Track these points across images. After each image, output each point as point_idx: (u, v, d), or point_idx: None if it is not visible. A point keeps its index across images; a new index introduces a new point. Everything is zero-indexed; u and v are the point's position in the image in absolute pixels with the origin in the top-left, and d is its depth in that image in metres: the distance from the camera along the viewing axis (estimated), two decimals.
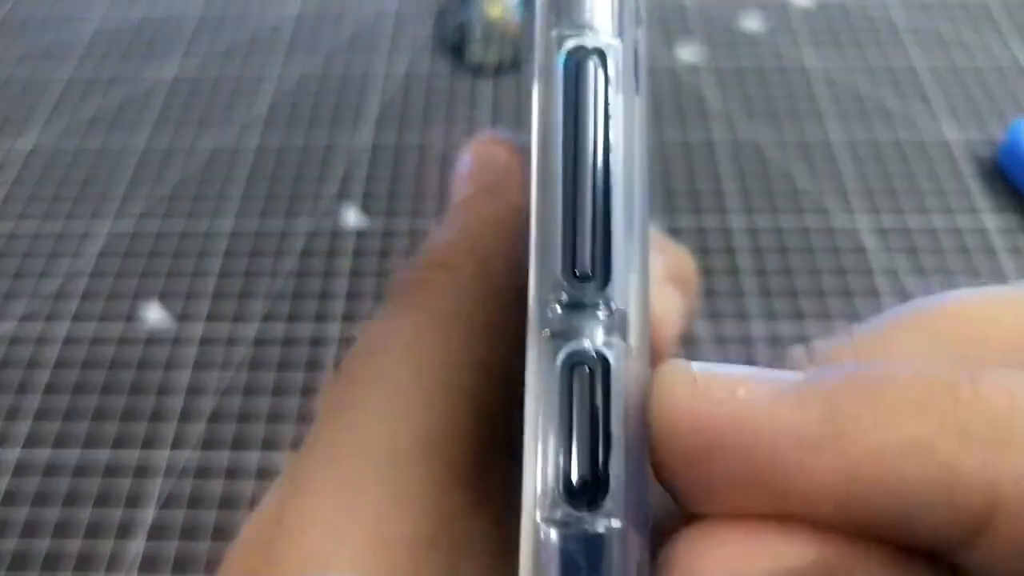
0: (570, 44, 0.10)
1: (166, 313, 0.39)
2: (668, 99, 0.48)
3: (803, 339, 0.38)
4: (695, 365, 0.10)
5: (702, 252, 0.41)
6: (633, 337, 0.09)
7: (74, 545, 0.32)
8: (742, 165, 0.45)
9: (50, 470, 0.34)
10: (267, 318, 0.39)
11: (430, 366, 0.12)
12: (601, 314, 0.09)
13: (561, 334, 0.09)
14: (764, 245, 0.41)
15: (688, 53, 0.51)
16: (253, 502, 0.33)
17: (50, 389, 0.37)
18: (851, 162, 0.45)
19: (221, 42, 0.53)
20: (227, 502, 0.33)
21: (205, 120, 0.48)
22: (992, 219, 0.42)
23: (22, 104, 0.50)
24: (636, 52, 0.10)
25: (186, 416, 0.36)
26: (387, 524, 0.11)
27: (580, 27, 0.10)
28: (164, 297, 0.40)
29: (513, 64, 0.50)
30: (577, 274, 0.09)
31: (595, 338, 0.09)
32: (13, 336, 0.39)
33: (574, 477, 0.08)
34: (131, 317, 0.39)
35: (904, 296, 0.39)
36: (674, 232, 0.42)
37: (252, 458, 0.35)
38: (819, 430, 0.08)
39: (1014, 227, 0.41)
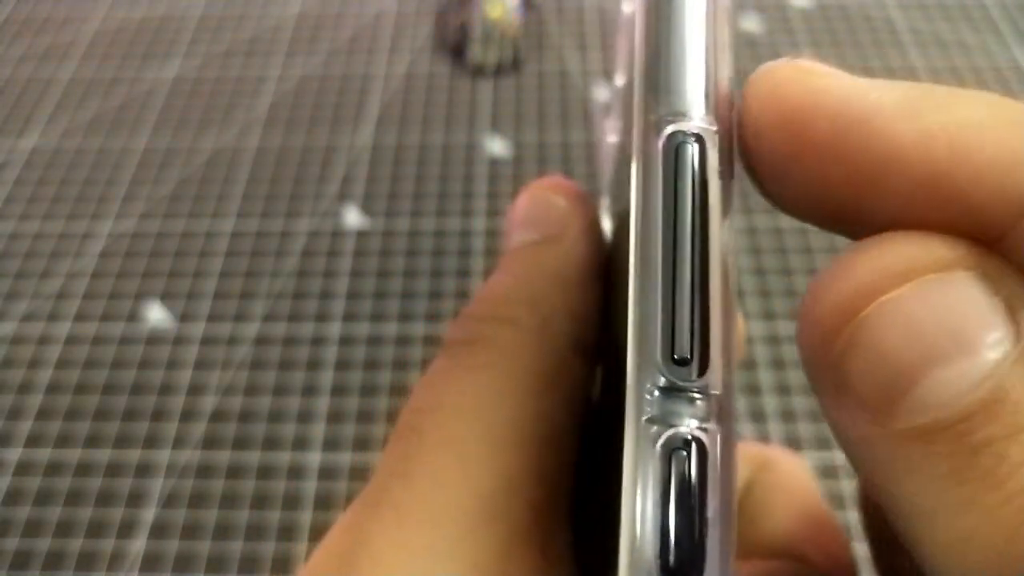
0: (669, 129, 0.10)
1: (167, 313, 0.40)
2: None
3: None
4: (782, 60, 0.10)
5: None
6: (730, 420, 0.09)
7: (76, 544, 0.33)
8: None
9: (52, 469, 0.35)
10: (268, 318, 0.39)
11: (499, 429, 0.12)
12: (698, 400, 0.09)
13: (659, 419, 0.09)
14: (763, 245, 0.41)
15: None
16: (254, 501, 0.33)
17: (52, 389, 0.37)
18: None
19: (221, 42, 0.54)
20: (228, 501, 0.34)
21: (206, 120, 0.49)
22: None
23: (23, 104, 0.50)
24: (731, 134, 0.10)
25: (187, 415, 0.36)
26: None
27: (678, 112, 0.10)
28: (165, 297, 0.40)
29: (513, 64, 0.50)
30: (676, 359, 0.09)
31: (692, 423, 0.09)
32: (15, 336, 0.39)
33: (671, 556, 0.09)
34: (132, 317, 0.39)
35: None
36: None
37: (253, 457, 0.35)
38: (904, 106, 0.09)
39: None
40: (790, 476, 0.16)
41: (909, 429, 0.09)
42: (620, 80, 0.12)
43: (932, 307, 0.08)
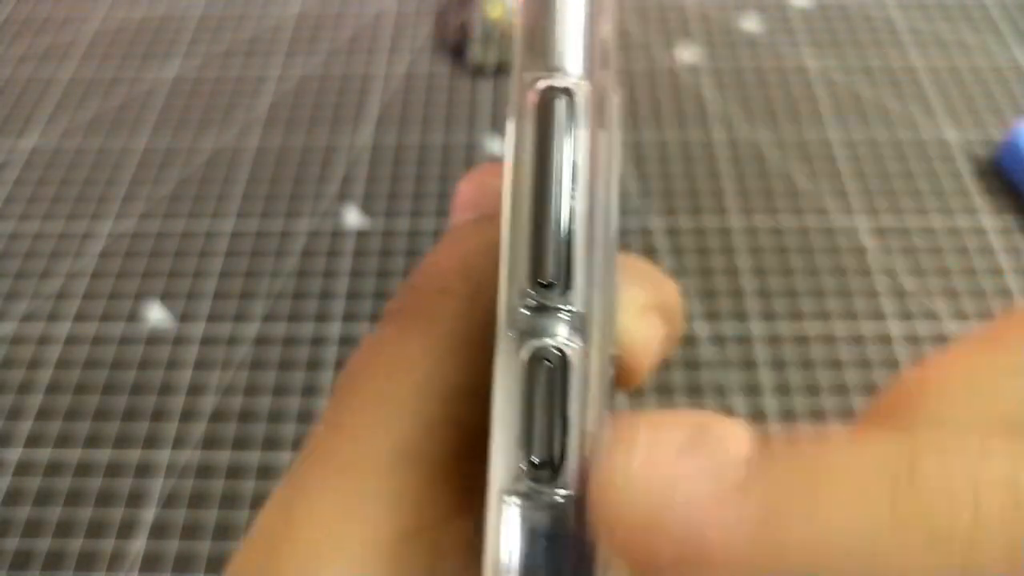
0: (542, 83, 0.11)
1: (167, 313, 0.40)
2: (667, 99, 0.48)
3: (801, 339, 0.38)
4: (642, 439, 0.09)
5: (701, 252, 0.41)
6: (594, 336, 0.10)
7: (76, 544, 0.33)
8: (741, 165, 0.45)
9: (52, 469, 0.35)
10: (268, 318, 0.39)
11: (426, 385, 0.13)
12: (563, 317, 0.10)
13: (526, 333, 0.10)
14: (763, 245, 0.41)
15: (687, 54, 0.51)
16: (254, 501, 0.33)
17: (52, 389, 0.37)
18: (850, 162, 0.45)
19: (221, 42, 0.54)
20: (228, 501, 0.34)
21: (206, 120, 0.49)
22: (990, 219, 0.42)
23: (23, 104, 0.50)
24: (604, 91, 0.11)
25: (187, 415, 0.36)
26: (377, 525, 0.12)
27: (552, 69, 0.11)
28: (165, 297, 0.40)
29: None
30: (542, 282, 0.10)
31: (556, 337, 0.10)
32: (15, 336, 0.39)
33: (535, 456, 0.10)
34: (132, 317, 0.39)
35: (902, 296, 0.39)
36: (674, 232, 0.42)
37: (253, 457, 0.35)
38: (758, 535, 0.09)
39: (1012, 227, 0.42)
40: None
41: None
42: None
43: None
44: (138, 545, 0.33)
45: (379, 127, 0.48)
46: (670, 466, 0.09)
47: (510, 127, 0.11)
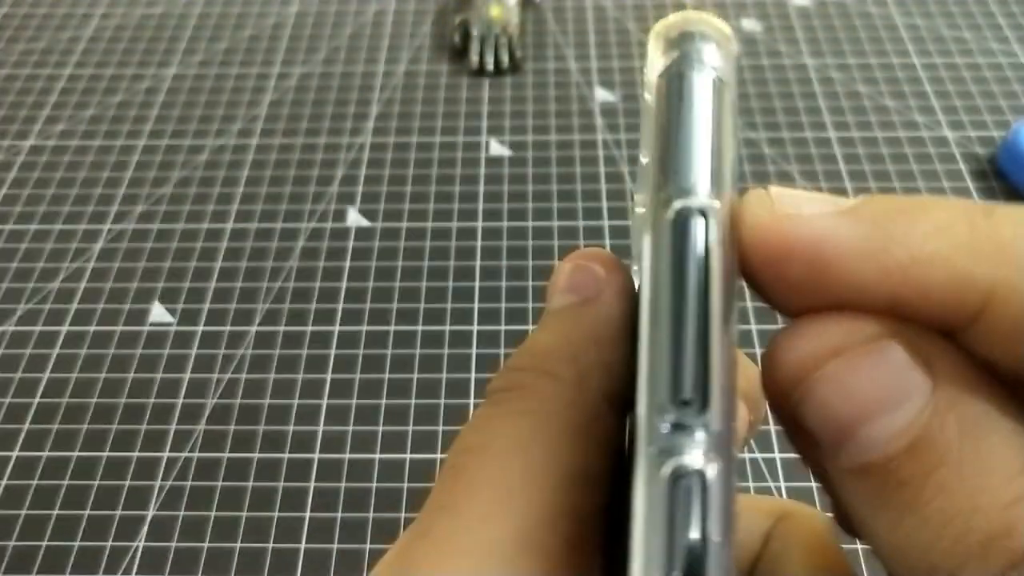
0: (679, 204, 0.11)
1: (167, 313, 0.40)
2: None
3: None
4: (773, 189, 0.12)
5: None
6: (728, 454, 0.11)
7: (75, 543, 0.33)
8: (741, 165, 0.45)
9: (52, 469, 0.35)
10: (268, 318, 0.39)
11: (537, 470, 0.13)
12: (700, 435, 0.11)
13: (666, 451, 0.11)
14: None
15: None
16: (254, 501, 0.33)
17: (52, 389, 0.37)
18: (849, 161, 0.45)
19: (221, 42, 0.54)
20: (228, 501, 0.34)
21: (206, 120, 0.49)
22: None
23: (23, 104, 0.50)
24: (733, 208, 0.12)
25: (187, 415, 0.36)
26: None
27: (686, 191, 0.12)
28: (165, 297, 0.40)
29: (513, 64, 0.50)
30: (681, 400, 0.11)
31: (695, 456, 0.11)
32: (15, 335, 0.39)
33: (675, 570, 0.10)
34: (133, 316, 0.39)
35: None
36: None
37: (253, 457, 0.35)
38: (866, 245, 0.11)
39: None
40: (809, 528, 0.17)
41: (851, 467, 0.11)
42: (644, 159, 0.14)
43: (860, 375, 0.11)
44: (138, 545, 0.33)
45: (379, 127, 0.48)
46: (796, 195, 0.12)
47: (646, 245, 0.12)
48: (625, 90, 0.49)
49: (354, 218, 0.43)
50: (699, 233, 0.11)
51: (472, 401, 0.36)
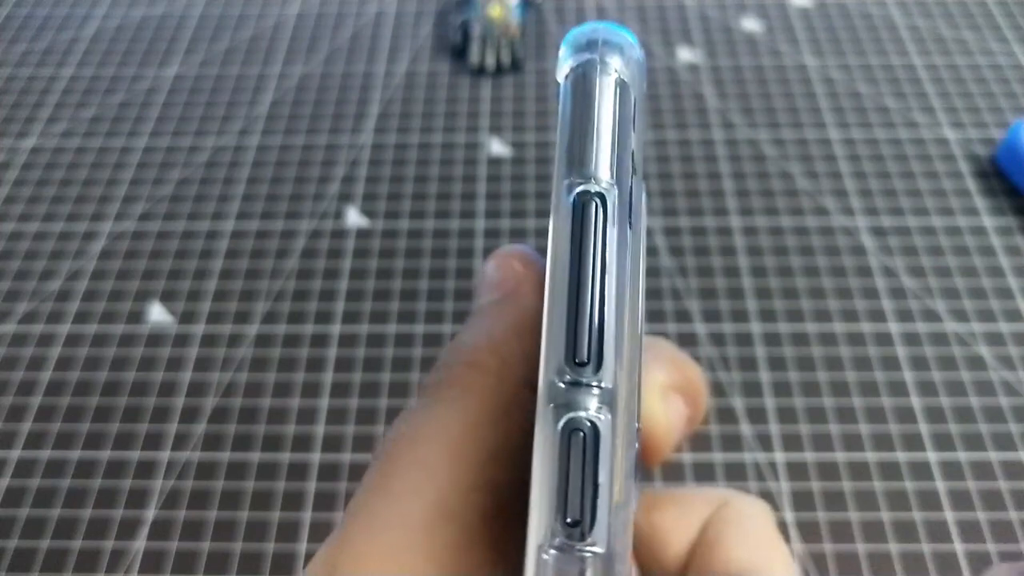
0: (578, 189, 0.13)
1: (168, 313, 0.40)
2: (667, 99, 0.49)
3: (801, 338, 0.38)
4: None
5: (701, 252, 0.41)
6: (620, 409, 0.12)
7: (76, 544, 0.33)
8: (741, 165, 0.45)
9: (52, 469, 0.35)
10: (268, 318, 0.39)
11: (460, 452, 0.14)
12: (594, 391, 0.12)
13: (563, 406, 0.12)
14: (763, 245, 0.41)
15: (687, 53, 0.51)
16: (254, 500, 0.33)
17: (52, 389, 0.37)
18: (849, 161, 0.45)
19: (221, 42, 0.54)
20: (228, 501, 0.34)
21: (206, 120, 0.49)
22: (990, 218, 0.42)
23: (24, 104, 0.50)
24: (631, 195, 0.13)
25: (187, 415, 0.36)
26: (419, 574, 0.14)
27: (586, 176, 0.13)
28: (166, 297, 0.40)
29: (513, 64, 0.50)
30: (576, 361, 0.12)
31: (588, 410, 0.12)
32: (15, 335, 0.39)
33: (570, 515, 0.11)
34: (133, 317, 0.39)
35: (902, 296, 0.39)
36: (674, 232, 0.42)
37: (254, 457, 0.35)
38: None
39: (1012, 226, 0.42)
40: (744, 513, 0.19)
41: None
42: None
43: None
44: (138, 545, 0.33)
45: (379, 127, 0.48)
46: None
47: (551, 225, 0.13)
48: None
49: (354, 218, 0.43)
50: (596, 212, 0.12)
51: None
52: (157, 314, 0.40)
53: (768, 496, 0.33)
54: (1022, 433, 0.35)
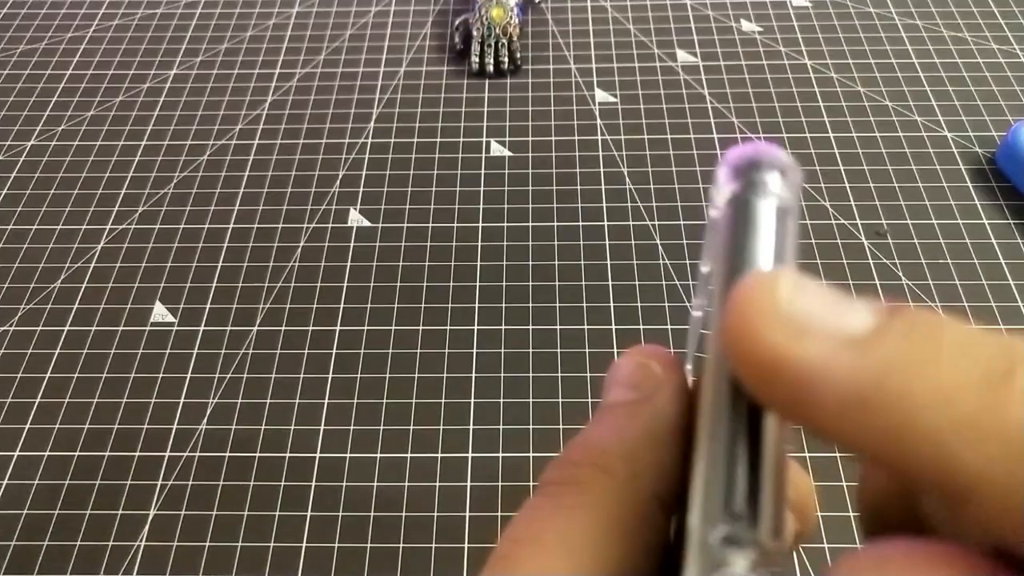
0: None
1: (168, 312, 0.40)
2: (668, 99, 0.49)
3: None
4: (784, 284, 0.12)
5: (701, 252, 0.41)
6: (772, 569, 0.11)
7: (76, 543, 0.33)
8: None
9: (52, 469, 0.35)
10: (269, 317, 0.39)
11: (583, 565, 0.13)
12: (748, 549, 0.11)
13: (716, 563, 0.11)
14: None
15: (688, 53, 0.51)
16: (254, 501, 0.33)
17: (52, 389, 0.37)
18: (848, 161, 0.45)
19: (222, 43, 0.54)
20: (229, 501, 0.34)
21: (207, 120, 0.49)
22: (990, 218, 0.42)
23: (25, 104, 0.50)
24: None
25: (188, 415, 0.36)
26: None
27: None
28: (166, 296, 0.40)
29: (513, 64, 0.50)
30: (732, 514, 0.11)
31: (742, 570, 0.11)
32: (15, 335, 0.39)
33: None
34: (134, 317, 0.39)
35: (902, 295, 0.39)
36: (673, 232, 0.42)
37: (254, 457, 0.35)
38: (857, 398, 0.10)
39: (1012, 227, 0.42)
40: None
41: None
42: (704, 268, 0.15)
43: None
44: (137, 545, 0.33)
45: (380, 128, 0.48)
46: (810, 309, 0.11)
47: (707, 369, 0.12)
48: (625, 91, 0.49)
49: (355, 218, 0.43)
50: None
51: (472, 401, 0.36)
52: (158, 313, 0.40)
53: None
54: None
